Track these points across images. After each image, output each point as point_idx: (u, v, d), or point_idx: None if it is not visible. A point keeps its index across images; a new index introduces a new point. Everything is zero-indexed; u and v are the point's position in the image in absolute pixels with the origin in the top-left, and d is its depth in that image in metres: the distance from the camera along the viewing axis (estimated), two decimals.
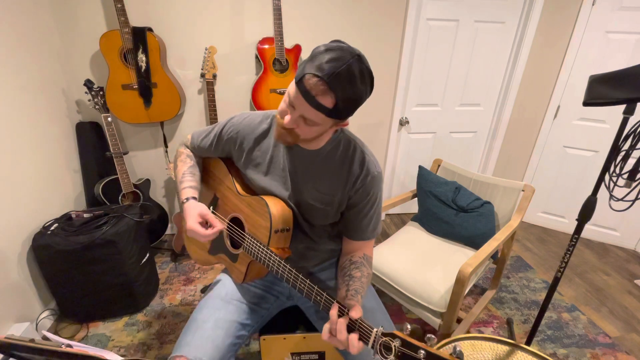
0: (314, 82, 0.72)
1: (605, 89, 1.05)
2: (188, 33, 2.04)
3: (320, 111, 0.74)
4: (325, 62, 0.71)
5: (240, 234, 1.02)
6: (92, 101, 1.82)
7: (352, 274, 0.90)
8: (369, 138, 2.58)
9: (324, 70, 0.71)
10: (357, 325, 0.73)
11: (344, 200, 0.96)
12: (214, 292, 1.06)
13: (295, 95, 0.76)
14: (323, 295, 0.81)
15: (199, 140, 1.09)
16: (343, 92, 0.72)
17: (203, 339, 0.91)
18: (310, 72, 0.72)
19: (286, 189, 0.97)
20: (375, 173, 0.94)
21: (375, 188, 0.96)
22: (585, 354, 1.66)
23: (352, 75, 0.72)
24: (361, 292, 0.85)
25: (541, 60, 2.45)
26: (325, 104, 0.73)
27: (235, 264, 1.06)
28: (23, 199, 1.60)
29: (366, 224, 0.98)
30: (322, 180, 0.94)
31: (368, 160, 0.94)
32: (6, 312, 1.50)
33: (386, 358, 0.69)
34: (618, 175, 1.10)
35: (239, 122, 1.00)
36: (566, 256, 1.28)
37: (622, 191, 1.10)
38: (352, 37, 2.23)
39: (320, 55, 0.73)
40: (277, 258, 0.90)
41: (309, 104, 0.74)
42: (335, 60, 0.71)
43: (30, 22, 1.70)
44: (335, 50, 0.73)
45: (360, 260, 0.95)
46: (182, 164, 1.10)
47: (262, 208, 0.95)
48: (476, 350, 1.07)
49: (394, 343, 0.67)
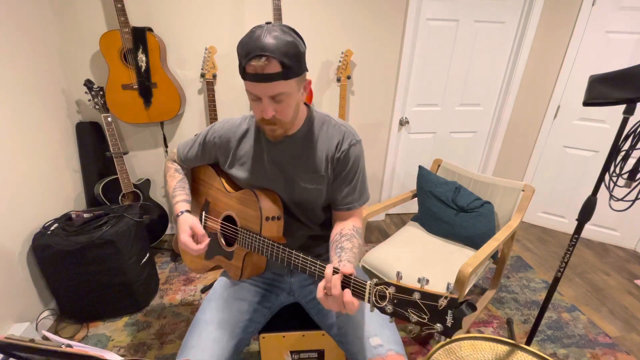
0: (253, 63, 0.77)
1: (605, 89, 1.05)
2: (188, 33, 2.04)
3: (276, 79, 0.78)
4: (248, 43, 0.78)
5: (233, 230, 1.04)
6: (92, 101, 1.82)
7: (343, 246, 0.92)
8: (369, 138, 2.58)
9: (252, 49, 0.77)
10: (352, 281, 0.74)
11: (330, 173, 0.99)
12: (216, 293, 1.07)
13: (251, 86, 0.81)
14: (317, 263, 0.82)
15: (185, 152, 1.14)
16: (279, 51, 0.77)
17: (208, 341, 0.91)
18: (246, 60, 0.78)
19: (277, 182, 1.00)
20: (354, 141, 0.98)
21: (356, 155, 0.98)
22: (585, 354, 1.66)
23: (274, 35, 0.77)
24: (353, 262, 0.87)
25: (541, 60, 2.45)
26: (275, 70, 0.78)
27: (232, 262, 1.07)
28: (23, 199, 1.60)
29: (351, 191, 1.00)
30: (307, 161, 0.97)
31: (345, 131, 0.98)
32: (6, 312, 1.50)
33: (382, 306, 0.69)
34: (618, 175, 1.10)
35: (220, 127, 1.05)
36: (566, 256, 1.28)
37: (622, 191, 1.10)
38: (352, 37, 2.23)
39: (243, 45, 0.79)
40: (269, 241, 0.92)
41: (265, 81, 0.78)
42: (250, 38, 0.78)
43: (30, 22, 1.70)
44: (249, 33, 0.80)
45: (350, 232, 0.97)
46: (172, 179, 1.14)
47: (252, 198, 0.98)
48: (476, 350, 1.07)
49: (389, 291, 0.68)
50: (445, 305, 0.61)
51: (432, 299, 0.63)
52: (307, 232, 1.08)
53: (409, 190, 1.98)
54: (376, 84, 2.41)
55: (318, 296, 0.76)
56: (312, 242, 1.10)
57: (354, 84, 2.38)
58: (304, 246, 1.09)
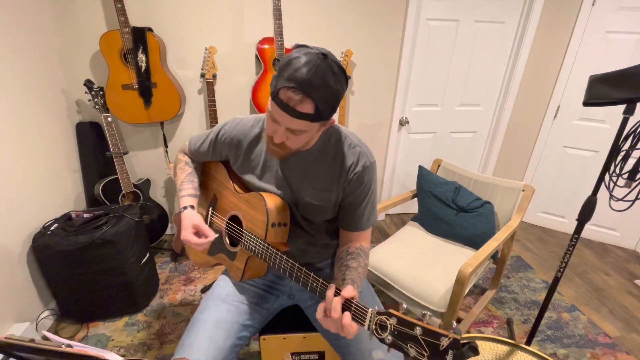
0: (290, 94, 0.72)
1: (605, 89, 1.05)
2: (188, 33, 2.04)
3: (304, 119, 0.74)
4: (294, 71, 0.71)
5: (238, 231, 1.03)
6: (92, 101, 1.82)
7: (348, 264, 0.91)
8: (369, 138, 2.58)
9: (295, 80, 0.71)
10: (353, 305, 0.73)
11: (339, 193, 0.96)
12: (215, 293, 1.06)
13: (275, 110, 0.76)
14: (319, 281, 0.82)
15: (197, 146, 1.12)
16: (319, 95, 0.72)
17: (205, 341, 0.91)
18: (283, 85, 0.72)
19: (283, 191, 0.98)
20: (368, 163, 0.94)
21: (368, 178, 0.95)
22: (585, 354, 1.66)
23: (323, 76, 0.72)
24: (357, 281, 0.86)
25: (541, 60, 2.45)
26: (307, 111, 0.73)
27: (234, 262, 1.07)
28: (23, 199, 1.60)
29: (360, 214, 0.98)
30: (317, 178, 0.95)
31: (360, 151, 0.94)
32: (6, 312, 1.50)
33: (382, 336, 0.68)
34: (618, 175, 1.10)
35: (232, 128, 1.01)
36: (566, 256, 1.28)
37: (622, 191, 1.10)
38: (352, 37, 2.23)
39: (287, 66, 0.72)
40: (274, 250, 0.91)
41: (291, 115, 0.74)
42: (303, 66, 0.71)
43: (30, 22, 1.69)
44: (300, 57, 0.72)
45: (356, 251, 0.97)
46: (181, 172, 1.12)
47: (259, 202, 0.96)
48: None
49: (390, 321, 0.67)
50: (447, 346, 0.60)
51: (433, 337, 0.61)
52: (309, 239, 1.07)
53: (409, 190, 1.98)
54: (376, 83, 2.41)
55: (317, 317, 0.76)
56: (312, 248, 1.09)
57: (354, 84, 2.38)
58: (304, 251, 1.08)
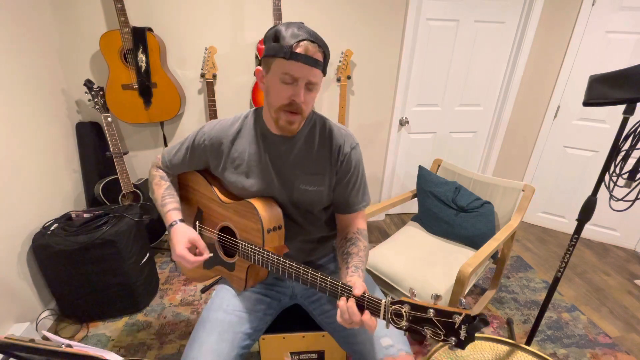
0: (306, 44, 0.79)
1: (605, 89, 1.05)
2: (188, 33, 2.04)
3: (319, 67, 0.82)
4: (297, 29, 0.80)
5: (233, 242, 1.02)
6: (92, 101, 1.82)
7: (349, 251, 0.93)
8: (369, 138, 2.58)
9: (305, 33, 0.80)
10: (365, 301, 0.75)
11: (332, 176, 0.99)
12: (216, 304, 1.03)
13: (294, 67, 0.80)
14: (327, 280, 0.82)
15: (171, 157, 1.08)
16: (323, 44, 0.83)
17: (208, 354, 0.90)
18: (298, 39, 0.79)
19: (273, 183, 0.98)
20: (354, 144, 0.99)
21: (356, 158, 1.00)
22: (585, 354, 1.66)
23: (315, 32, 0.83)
24: (361, 266, 0.88)
25: (541, 60, 2.45)
26: (320, 59, 0.82)
27: (234, 273, 1.05)
28: (23, 199, 1.60)
29: (354, 194, 1.02)
30: (308, 164, 0.97)
31: (345, 134, 0.99)
32: (6, 312, 1.50)
33: (399, 325, 0.70)
34: (618, 175, 1.10)
35: (210, 129, 1.00)
36: (566, 256, 1.28)
37: (622, 191, 1.10)
38: (352, 37, 2.23)
39: (286, 30, 0.80)
40: (275, 256, 0.91)
41: (312, 65, 0.80)
42: (297, 27, 0.81)
43: (30, 22, 1.70)
44: (286, 24, 0.82)
45: (354, 236, 0.98)
46: (158, 187, 1.08)
47: (250, 211, 0.95)
48: (476, 351, 1.07)
49: (404, 309, 0.69)
50: (460, 322, 0.63)
51: (446, 316, 0.65)
52: (307, 237, 1.06)
53: (409, 190, 1.98)
54: (376, 83, 2.41)
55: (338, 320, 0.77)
56: (312, 246, 1.09)
57: (354, 84, 2.38)
58: (305, 250, 1.08)
